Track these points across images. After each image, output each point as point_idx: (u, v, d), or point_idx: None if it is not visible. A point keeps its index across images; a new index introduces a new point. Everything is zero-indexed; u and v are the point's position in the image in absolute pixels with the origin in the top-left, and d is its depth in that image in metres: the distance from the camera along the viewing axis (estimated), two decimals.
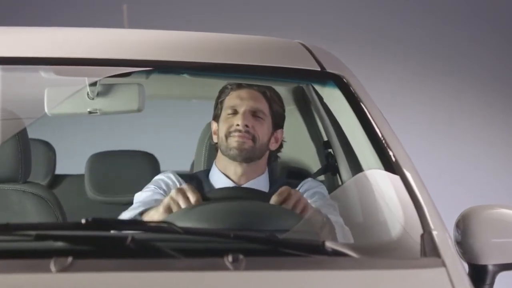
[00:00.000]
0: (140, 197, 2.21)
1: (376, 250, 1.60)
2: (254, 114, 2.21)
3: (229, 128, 2.19)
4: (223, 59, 1.95)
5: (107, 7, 4.30)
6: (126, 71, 1.89)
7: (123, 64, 1.87)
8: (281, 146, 2.34)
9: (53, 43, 1.92)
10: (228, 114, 2.22)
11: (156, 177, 2.30)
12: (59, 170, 3.20)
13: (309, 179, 2.33)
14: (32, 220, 2.18)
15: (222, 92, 2.27)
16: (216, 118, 2.28)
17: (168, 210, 1.91)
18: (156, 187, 2.23)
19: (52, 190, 2.87)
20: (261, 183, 2.27)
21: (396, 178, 1.71)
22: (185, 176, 2.29)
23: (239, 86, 2.23)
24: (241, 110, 2.20)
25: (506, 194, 5.02)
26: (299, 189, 2.24)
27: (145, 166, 3.04)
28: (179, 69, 1.93)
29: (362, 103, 1.87)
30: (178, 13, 5.05)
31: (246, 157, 2.20)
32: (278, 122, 2.28)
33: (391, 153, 1.75)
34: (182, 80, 2.16)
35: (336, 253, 1.50)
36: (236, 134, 2.18)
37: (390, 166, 1.74)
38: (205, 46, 2.01)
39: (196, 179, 2.26)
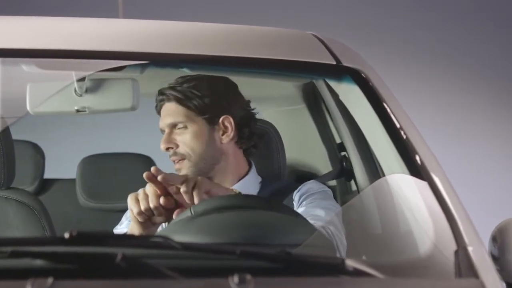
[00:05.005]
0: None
1: (403, 269, 1.44)
2: (174, 128, 2.06)
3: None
4: (227, 52, 1.79)
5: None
6: (118, 65, 1.75)
7: (115, 56, 1.72)
8: (246, 131, 2.12)
9: (36, 33, 1.76)
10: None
11: None
12: (48, 174, 3.05)
13: (312, 181, 2.16)
14: (16, 230, 2.08)
15: (156, 107, 2.13)
16: None
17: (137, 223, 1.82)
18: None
19: (41, 196, 2.77)
20: (244, 186, 2.09)
21: (424, 184, 1.55)
22: None
23: (160, 104, 2.08)
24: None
25: (508, 195, 4.96)
26: (298, 191, 2.08)
27: (142, 169, 2.78)
28: (178, 62, 1.80)
29: (383, 100, 1.72)
30: (177, 7, 4.95)
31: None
32: (213, 114, 2.07)
33: (417, 156, 1.59)
34: (181, 74, 2.05)
35: (358, 273, 1.34)
36: (171, 160, 2.07)
37: (416, 170, 1.58)
38: (207, 37, 1.86)
39: None
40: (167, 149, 2.05)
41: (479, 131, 5.12)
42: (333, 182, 2.54)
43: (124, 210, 2.19)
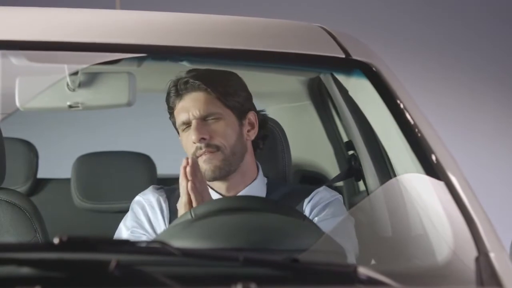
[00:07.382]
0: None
1: (419, 277, 1.38)
2: (207, 119, 1.97)
3: (190, 149, 1.98)
4: (230, 44, 1.72)
5: None
6: (114, 58, 1.70)
7: (110, 49, 1.66)
8: (262, 132, 2.08)
9: (26, 24, 1.69)
10: (183, 130, 2.00)
11: (133, 203, 2.06)
12: (41, 174, 2.99)
13: (322, 188, 2.07)
14: (6, 233, 2.01)
15: (169, 97, 2.03)
16: (175, 127, 2.05)
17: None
18: (135, 225, 2.00)
19: (33, 196, 2.72)
20: (253, 189, 2.03)
21: (440, 184, 1.48)
22: (167, 190, 2.07)
23: (181, 93, 1.98)
24: (192, 123, 1.97)
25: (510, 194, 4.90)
26: (309, 201, 2.01)
27: (140, 168, 2.84)
28: (177, 55, 1.73)
29: (396, 95, 1.65)
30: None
31: (223, 174, 1.97)
32: (242, 108, 2.01)
33: (433, 155, 1.52)
34: (180, 68, 1.97)
35: (371, 281, 1.28)
36: (199, 153, 1.96)
37: (432, 169, 1.51)
38: (208, 29, 1.79)
39: (178, 192, 1.99)
40: (202, 139, 1.95)
41: (484, 130, 5.10)
42: (339, 183, 2.50)
43: (121, 211, 2.15)
